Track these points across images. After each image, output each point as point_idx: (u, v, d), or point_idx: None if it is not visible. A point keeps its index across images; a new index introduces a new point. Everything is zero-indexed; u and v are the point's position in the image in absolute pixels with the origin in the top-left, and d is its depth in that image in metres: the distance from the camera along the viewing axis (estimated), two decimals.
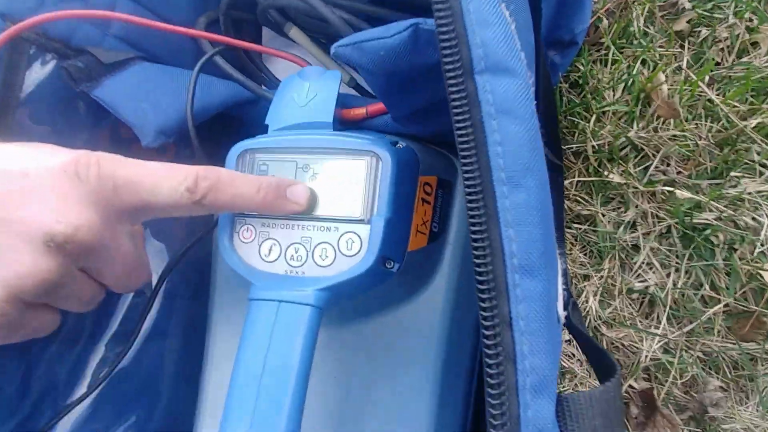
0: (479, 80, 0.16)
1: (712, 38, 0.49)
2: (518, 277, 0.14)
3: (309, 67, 0.33)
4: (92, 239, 0.21)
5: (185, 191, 0.22)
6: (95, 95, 0.28)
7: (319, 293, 0.25)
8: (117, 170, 0.21)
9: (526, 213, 0.15)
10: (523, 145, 0.16)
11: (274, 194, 0.25)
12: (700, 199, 0.43)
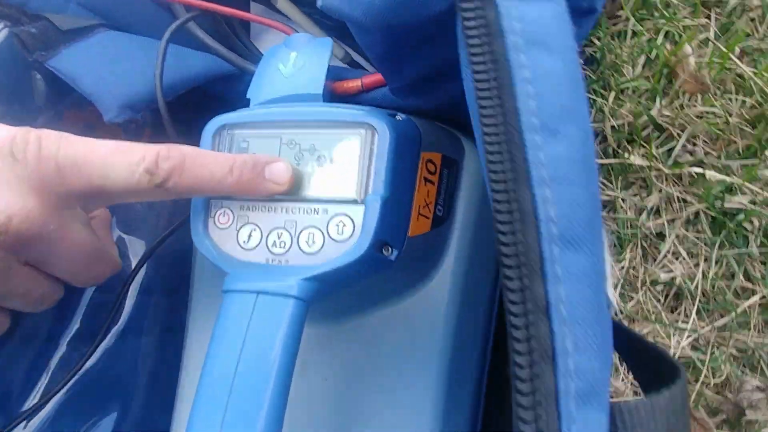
0: (502, 3, 0.13)
1: (741, 7, 0.45)
2: (558, 251, 0.11)
3: (296, 35, 0.30)
4: (31, 228, 0.18)
5: (144, 173, 0.19)
6: (51, 65, 0.24)
7: (305, 283, 0.22)
8: (61, 149, 0.18)
9: (569, 167, 0.11)
10: (562, 84, 0.12)
11: (249, 174, 0.22)
12: (733, 181, 0.40)
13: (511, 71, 0.12)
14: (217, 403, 0.20)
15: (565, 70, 0.12)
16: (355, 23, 0.21)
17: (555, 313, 0.10)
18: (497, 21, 0.13)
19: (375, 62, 0.25)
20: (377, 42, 0.22)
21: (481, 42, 0.13)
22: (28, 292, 0.20)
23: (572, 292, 0.11)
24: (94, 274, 0.22)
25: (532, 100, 0.12)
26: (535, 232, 0.11)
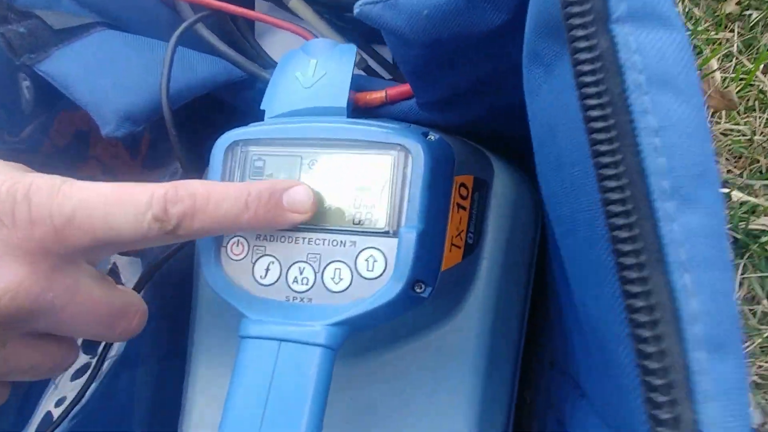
0: (619, 32, 0.10)
1: (764, 21, 0.43)
2: (705, 357, 0.09)
3: (316, 40, 0.27)
4: (25, 302, 0.16)
5: (152, 221, 0.17)
6: (41, 70, 0.21)
7: (332, 329, 0.20)
8: (55, 205, 0.16)
9: (708, 249, 0.09)
10: (696, 135, 0.10)
11: (266, 207, 0.20)
12: (757, 202, 0.38)
13: (634, 117, 0.10)
14: None
15: (695, 118, 0.10)
16: (396, 33, 0.19)
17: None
18: (613, 51, 0.10)
19: (408, 75, 0.23)
20: (415, 55, 0.20)
21: (595, 78, 0.10)
22: (36, 366, 0.18)
23: (723, 412, 0.08)
24: (119, 330, 0.19)
25: (663, 158, 0.10)
26: (678, 336, 0.09)
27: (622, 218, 0.09)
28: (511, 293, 0.29)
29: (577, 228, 0.12)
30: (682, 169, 0.10)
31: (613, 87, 0.10)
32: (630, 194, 0.09)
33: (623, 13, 0.10)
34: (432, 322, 0.26)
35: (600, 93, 0.10)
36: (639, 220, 0.09)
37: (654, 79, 0.10)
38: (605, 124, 0.10)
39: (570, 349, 0.25)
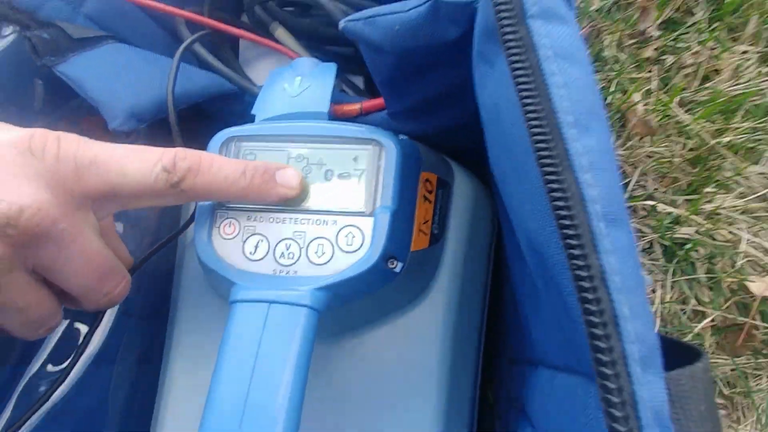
0: (532, 24, 0.15)
1: (678, 65, 0.52)
2: (603, 226, 0.12)
3: (302, 58, 0.31)
4: (41, 223, 0.17)
5: (161, 171, 0.19)
6: (59, 71, 0.24)
7: (316, 293, 0.22)
8: (80, 149, 0.18)
9: (601, 156, 0.13)
10: (587, 87, 0.14)
11: (261, 178, 0.22)
12: (680, 213, 0.44)
13: (546, 78, 0.14)
14: (231, 415, 0.19)
15: (587, 79, 0.14)
16: (373, 45, 0.23)
17: (611, 282, 0.11)
18: (529, 37, 0.15)
19: (381, 85, 0.27)
20: (388, 65, 0.24)
21: (520, 53, 0.14)
22: (27, 307, 0.18)
23: (621, 263, 0.12)
24: (107, 290, 0.20)
25: (566, 101, 0.14)
26: (584, 211, 0.12)
27: (544, 142, 0.13)
28: (473, 283, 0.32)
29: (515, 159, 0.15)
30: (579, 108, 0.14)
31: (532, 59, 0.14)
32: (548, 127, 0.13)
33: (535, 12, 0.15)
34: (400, 306, 0.29)
35: (524, 64, 0.14)
36: (555, 142, 0.13)
37: (558, 52, 0.14)
38: (529, 84, 0.14)
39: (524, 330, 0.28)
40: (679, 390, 0.12)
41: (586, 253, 0.12)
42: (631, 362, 0.11)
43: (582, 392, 0.16)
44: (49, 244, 0.17)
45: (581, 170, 0.13)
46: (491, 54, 0.18)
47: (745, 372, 0.42)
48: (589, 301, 0.11)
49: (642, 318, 0.11)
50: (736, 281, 0.43)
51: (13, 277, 0.17)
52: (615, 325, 0.11)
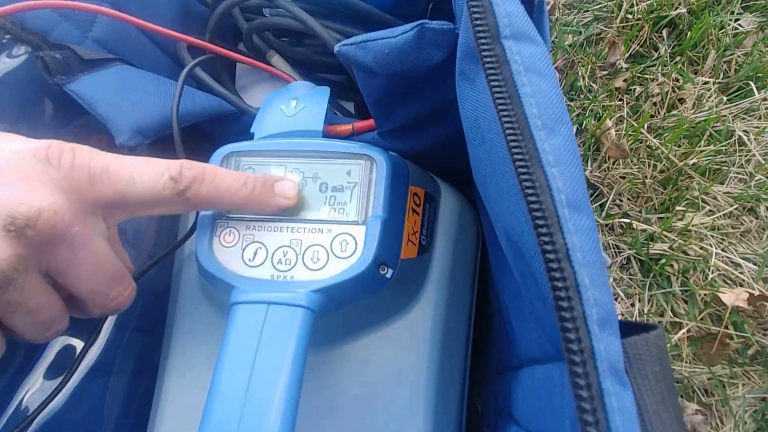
0: (506, 44, 0.17)
1: (645, 94, 0.55)
2: (568, 212, 0.14)
3: (297, 82, 0.33)
4: (58, 226, 0.18)
5: (168, 180, 0.20)
6: (70, 89, 0.26)
7: (312, 295, 0.23)
8: (93, 159, 0.19)
9: (566, 153, 0.15)
10: (554, 97, 0.16)
11: (261, 188, 0.24)
12: (654, 230, 0.47)
13: (518, 88, 0.16)
14: (231, 410, 0.20)
15: (554, 90, 0.17)
16: (365, 68, 0.25)
17: (573, 257, 0.13)
18: (503, 54, 0.17)
19: (372, 106, 0.29)
20: (379, 86, 0.26)
21: (495, 68, 0.17)
22: (37, 309, 0.19)
23: (583, 242, 0.14)
24: (114, 294, 0.21)
25: (535, 108, 0.16)
26: (551, 199, 0.14)
27: (516, 142, 0.15)
28: (460, 292, 0.33)
29: (494, 162, 0.17)
30: (546, 114, 0.16)
31: (506, 73, 0.17)
32: (519, 129, 0.15)
33: (508, 33, 0.17)
34: (391, 314, 0.30)
35: (498, 78, 0.17)
36: (525, 142, 0.15)
37: (528, 67, 0.17)
38: (503, 94, 0.16)
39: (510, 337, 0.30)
40: (635, 353, 0.13)
41: (552, 233, 0.13)
42: (590, 322, 0.12)
43: (558, 375, 0.18)
44: (63, 247, 0.18)
45: (548, 165, 0.15)
46: (471, 73, 0.21)
47: (722, 381, 0.43)
48: (555, 272, 0.13)
49: (600, 287, 0.13)
50: (708, 293, 0.45)
51: (28, 278, 0.18)
52: (576, 292, 0.13)
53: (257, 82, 0.43)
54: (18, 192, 0.17)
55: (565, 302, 0.12)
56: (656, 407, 0.13)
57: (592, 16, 0.64)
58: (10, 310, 0.19)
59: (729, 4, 0.61)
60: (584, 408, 0.11)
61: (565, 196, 0.14)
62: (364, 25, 0.36)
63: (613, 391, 0.11)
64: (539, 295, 0.16)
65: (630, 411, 0.12)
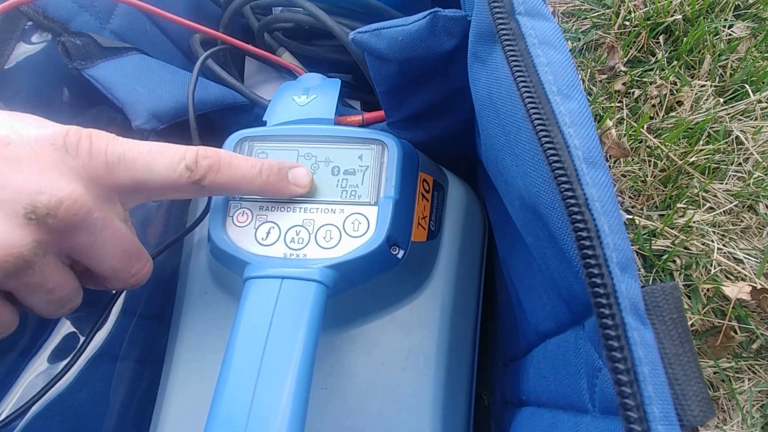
0: (520, 19, 0.18)
1: (644, 97, 0.57)
2: (585, 167, 0.15)
3: (309, 74, 0.34)
4: (78, 213, 0.18)
5: (184, 169, 0.21)
6: (88, 74, 0.26)
7: (326, 270, 0.24)
8: (110, 146, 0.19)
9: (580, 117, 0.16)
10: (567, 67, 0.17)
11: (276, 176, 0.24)
12: (656, 226, 0.47)
13: (533, 59, 0.17)
14: (245, 382, 0.20)
15: (566, 60, 0.17)
16: (378, 55, 0.26)
17: (593, 206, 0.14)
18: (518, 28, 0.18)
19: (383, 95, 0.30)
20: (391, 74, 0.27)
21: (511, 41, 0.18)
22: (55, 288, 0.20)
23: (600, 193, 0.14)
24: (135, 270, 0.22)
25: (550, 75, 0.17)
26: (569, 155, 0.15)
27: (535, 107, 0.16)
28: (467, 278, 0.34)
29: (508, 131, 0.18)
30: (561, 81, 0.17)
31: (521, 46, 0.17)
32: (537, 95, 0.16)
33: (522, 10, 0.18)
34: (400, 298, 0.30)
35: (515, 50, 0.17)
36: (543, 106, 0.16)
37: (542, 40, 0.17)
38: (520, 65, 0.17)
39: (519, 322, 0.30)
40: (652, 301, 0.14)
41: (572, 186, 0.14)
42: (612, 264, 0.13)
43: (572, 338, 0.18)
44: (83, 232, 0.19)
45: (565, 125, 0.15)
46: (483, 53, 0.22)
47: (728, 374, 0.43)
48: (578, 221, 0.13)
49: (619, 234, 0.13)
50: (711, 288, 0.45)
51: (47, 261, 0.19)
52: (598, 238, 0.13)
53: (266, 81, 0.44)
54: (38, 180, 0.18)
55: (588, 242, 0.13)
56: (675, 350, 0.13)
57: (591, 23, 0.65)
58: (29, 290, 0.19)
59: (722, 12, 0.63)
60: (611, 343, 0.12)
61: (582, 153, 0.15)
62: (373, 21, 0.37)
63: (635, 326, 0.12)
64: (556, 252, 0.16)
65: (651, 346, 0.12)
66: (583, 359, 0.17)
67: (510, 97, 0.18)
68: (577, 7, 0.67)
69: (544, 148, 0.15)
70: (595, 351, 0.15)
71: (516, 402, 0.30)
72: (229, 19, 0.36)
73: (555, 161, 0.15)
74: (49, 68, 0.27)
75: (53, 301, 0.20)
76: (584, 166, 0.15)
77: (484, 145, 0.25)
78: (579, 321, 0.18)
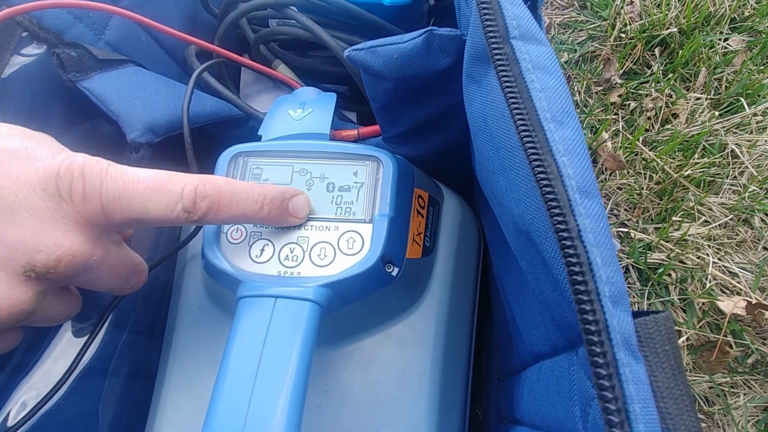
0: (515, 44, 0.18)
1: (640, 109, 0.57)
2: (578, 197, 0.15)
3: (304, 88, 0.34)
4: (77, 264, 0.19)
5: (182, 211, 0.20)
6: (83, 86, 0.26)
7: (320, 289, 0.24)
8: (104, 186, 0.19)
9: (574, 144, 0.16)
10: (561, 93, 0.17)
11: (277, 210, 0.24)
12: (651, 239, 0.47)
13: (527, 84, 0.17)
14: (238, 402, 0.20)
15: (560, 85, 0.17)
16: (374, 72, 0.26)
17: (585, 238, 0.14)
18: (513, 53, 0.18)
19: (378, 111, 0.30)
20: (386, 90, 0.27)
21: (505, 65, 0.18)
22: (57, 315, 0.21)
23: (593, 224, 0.14)
24: (131, 285, 0.23)
25: (544, 102, 0.17)
26: (562, 184, 0.15)
27: (528, 134, 0.16)
28: (462, 294, 0.34)
29: (502, 156, 0.18)
30: (554, 108, 0.17)
31: (515, 70, 0.17)
32: (530, 121, 0.16)
33: (516, 34, 0.18)
34: (395, 315, 0.30)
35: (508, 75, 0.17)
36: (536, 133, 0.16)
37: (536, 65, 0.17)
38: (513, 90, 0.17)
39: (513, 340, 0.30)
40: (645, 333, 0.14)
41: (564, 214, 0.14)
42: (604, 298, 0.13)
43: (566, 364, 0.18)
44: (82, 274, 0.19)
45: (559, 154, 0.15)
46: (478, 74, 0.22)
47: (723, 389, 0.43)
48: (570, 254, 0.13)
49: (612, 266, 0.13)
50: (707, 302, 0.46)
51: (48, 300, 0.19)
52: (591, 272, 0.13)
53: (261, 92, 0.44)
54: (34, 236, 0.17)
55: (580, 277, 0.13)
56: (668, 384, 0.13)
57: (587, 35, 0.66)
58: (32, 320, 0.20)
59: (718, 24, 0.64)
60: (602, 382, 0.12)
61: (575, 182, 0.15)
62: (370, 36, 0.37)
63: (626, 362, 0.12)
64: (549, 279, 0.16)
65: (643, 382, 0.12)
66: (577, 386, 0.17)
67: (504, 121, 0.18)
68: (573, 18, 0.67)
69: (537, 177, 0.15)
70: (588, 379, 0.15)
71: (510, 419, 0.30)
72: (225, 32, 0.36)
73: (548, 191, 0.14)
74: (44, 79, 0.27)
75: (56, 321, 0.21)
76: (578, 196, 0.15)
77: (479, 165, 0.25)
78: (572, 347, 0.18)
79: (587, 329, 0.12)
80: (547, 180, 0.15)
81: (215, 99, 0.33)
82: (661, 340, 0.14)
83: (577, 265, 0.13)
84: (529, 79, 0.17)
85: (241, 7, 0.36)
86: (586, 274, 0.13)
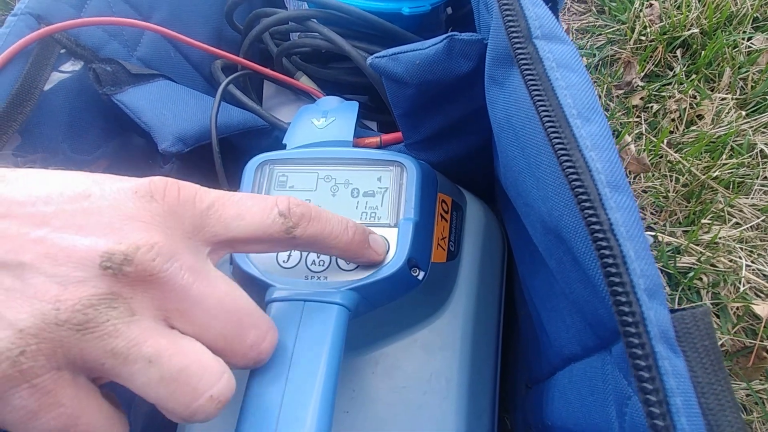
0: (537, 43, 0.18)
1: (663, 111, 0.56)
2: (608, 191, 0.15)
3: (327, 97, 0.35)
4: (156, 258, 0.16)
5: (278, 215, 0.19)
6: (117, 99, 0.27)
7: (348, 293, 0.24)
8: (199, 194, 0.18)
9: (601, 139, 0.16)
10: (586, 90, 0.17)
11: (361, 236, 0.23)
12: (680, 243, 0.46)
13: (552, 82, 0.17)
14: (269, 405, 0.20)
15: (584, 82, 0.18)
16: (396, 79, 0.26)
17: (618, 231, 0.14)
18: (536, 52, 0.18)
19: (400, 117, 0.30)
20: (409, 97, 0.28)
21: (529, 65, 0.18)
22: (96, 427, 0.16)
23: (625, 218, 0.14)
24: (251, 340, 0.18)
25: (569, 99, 0.17)
26: (591, 179, 0.15)
27: (555, 131, 0.16)
28: (488, 298, 0.33)
29: (528, 155, 0.18)
30: (580, 104, 0.17)
31: (539, 69, 0.18)
32: (557, 118, 0.16)
33: (538, 33, 0.18)
34: (421, 320, 0.30)
35: (533, 74, 0.18)
36: (563, 129, 0.16)
37: (560, 63, 0.18)
38: (539, 88, 0.17)
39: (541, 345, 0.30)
40: (683, 327, 0.13)
41: (596, 211, 0.14)
42: (639, 291, 0.12)
43: (599, 364, 0.18)
44: (168, 285, 0.16)
45: (586, 149, 0.15)
46: (500, 76, 0.22)
47: (761, 397, 0.42)
48: (603, 247, 0.13)
49: (645, 259, 0.13)
50: (741, 306, 0.44)
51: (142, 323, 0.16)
52: (624, 264, 0.13)
53: (283, 104, 0.45)
54: (116, 230, 0.16)
55: (614, 269, 0.12)
56: (708, 379, 0.13)
57: (606, 39, 0.65)
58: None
59: (740, 24, 0.63)
60: (641, 374, 0.12)
61: (605, 177, 0.15)
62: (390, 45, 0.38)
63: (665, 355, 0.12)
64: (580, 277, 0.16)
65: (683, 375, 0.12)
66: (611, 386, 0.16)
67: (529, 120, 0.18)
68: (591, 23, 0.67)
69: (566, 172, 0.15)
70: (624, 378, 0.15)
71: (540, 426, 0.30)
72: (249, 46, 0.37)
73: (577, 186, 0.14)
74: (81, 94, 0.28)
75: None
76: (607, 191, 0.15)
77: (503, 167, 0.25)
78: (606, 346, 0.17)
79: (624, 321, 0.12)
80: (576, 175, 0.15)
81: (241, 110, 0.34)
82: (699, 335, 0.13)
83: (610, 257, 0.13)
84: (553, 77, 0.17)
85: (264, 22, 0.37)
86: (620, 266, 0.13)
